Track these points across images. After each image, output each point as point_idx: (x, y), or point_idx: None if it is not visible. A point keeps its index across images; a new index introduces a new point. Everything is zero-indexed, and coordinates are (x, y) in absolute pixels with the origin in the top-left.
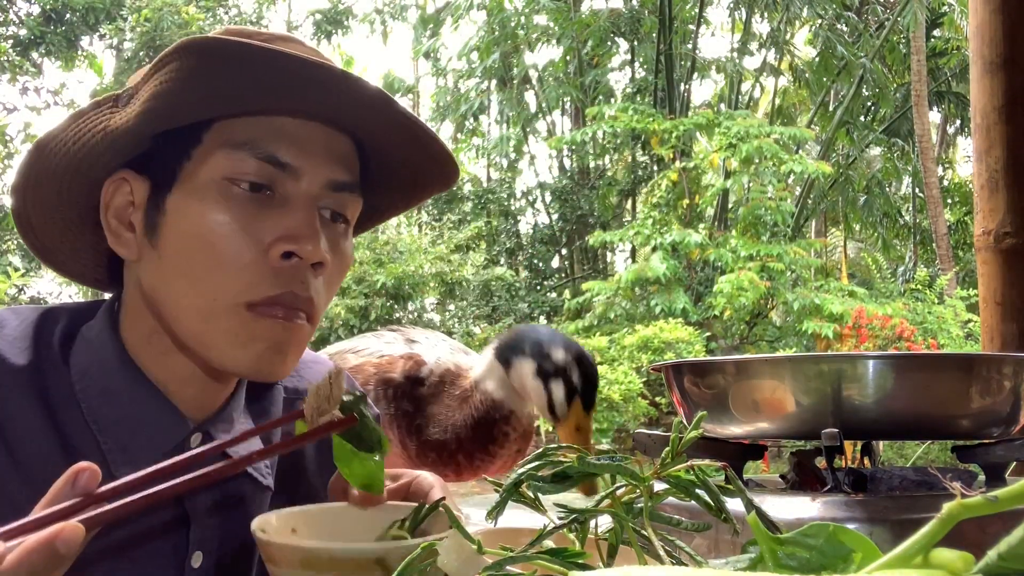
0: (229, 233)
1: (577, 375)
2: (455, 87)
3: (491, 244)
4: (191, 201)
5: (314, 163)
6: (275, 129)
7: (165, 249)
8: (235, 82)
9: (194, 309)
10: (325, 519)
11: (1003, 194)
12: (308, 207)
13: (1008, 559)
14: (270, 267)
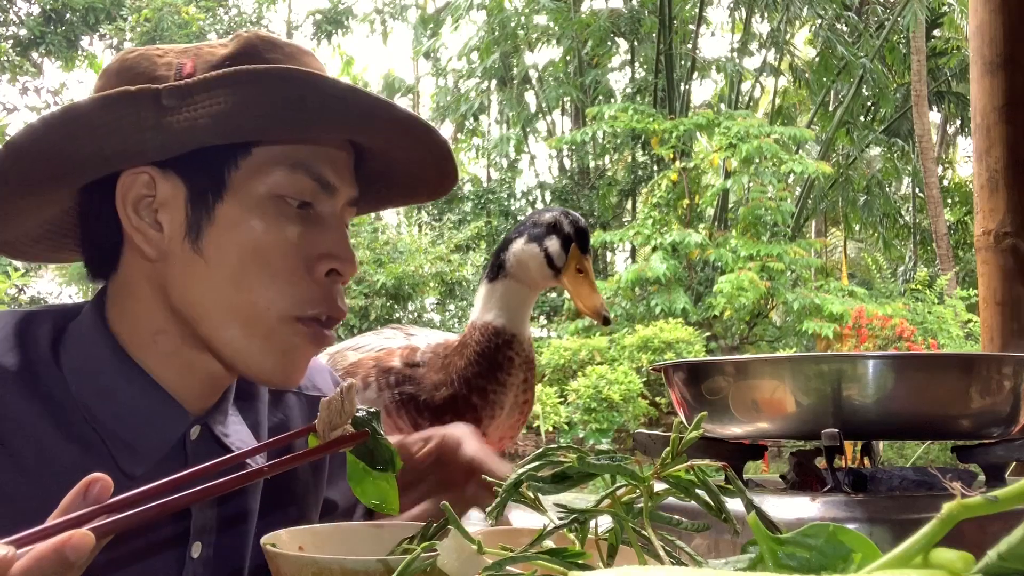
0: (281, 248)
1: (567, 224)
2: (455, 87)
3: (491, 244)
4: (246, 214)
5: (345, 182)
6: (320, 152)
7: (212, 256)
8: (290, 110)
9: (241, 319)
10: (333, 537)
11: (1003, 194)
12: (341, 225)
13: (1008, 559)
14: (317, 283)
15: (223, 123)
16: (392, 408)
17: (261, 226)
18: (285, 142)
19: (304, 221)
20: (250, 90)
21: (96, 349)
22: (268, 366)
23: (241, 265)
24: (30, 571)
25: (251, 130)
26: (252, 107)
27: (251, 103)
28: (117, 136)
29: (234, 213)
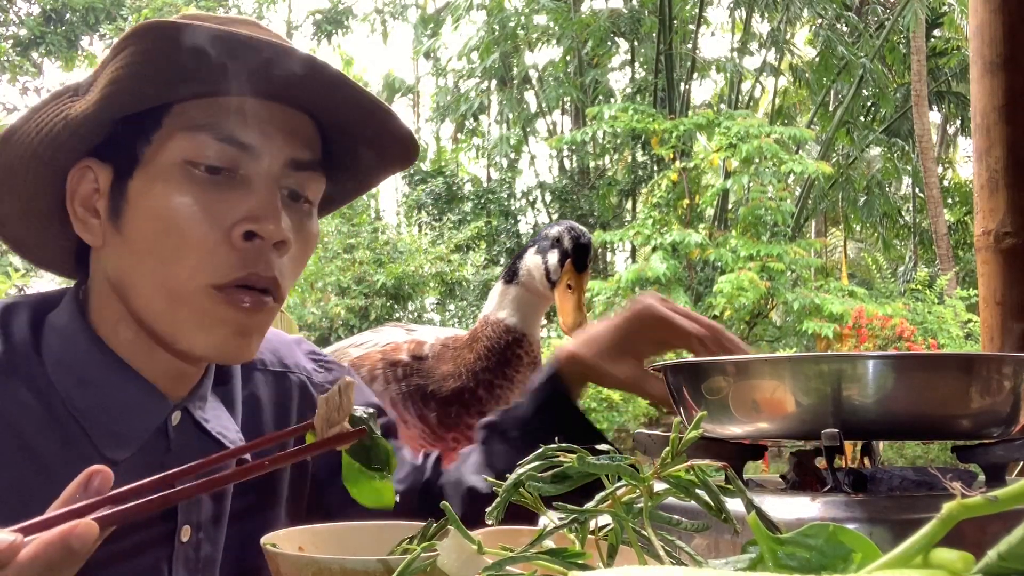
0: (192, 215)
1: (568, 240)
2: (455, 87)
3: (491, 244)
4: (153, 184)
5: (274, 143)
6: (234, 110)
7: (130, 233)
8: (188, 64)
9: (160, 292)
10: (333, 537)
11: (1003, 194)
12: (269, 187)
13: (1008, 559)
14: (234, 248)
15: (108, 94)
16: (398, 400)
17: (168, 195)
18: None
19: (220, 186)
20: (127, 54)
21: (75, 340)
22: (202, 341)
23: (155, 238)
24: (37, 558)
25: (135, 94)
26: (129, 70)
27: (128, 66)
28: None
29: (143, 186)
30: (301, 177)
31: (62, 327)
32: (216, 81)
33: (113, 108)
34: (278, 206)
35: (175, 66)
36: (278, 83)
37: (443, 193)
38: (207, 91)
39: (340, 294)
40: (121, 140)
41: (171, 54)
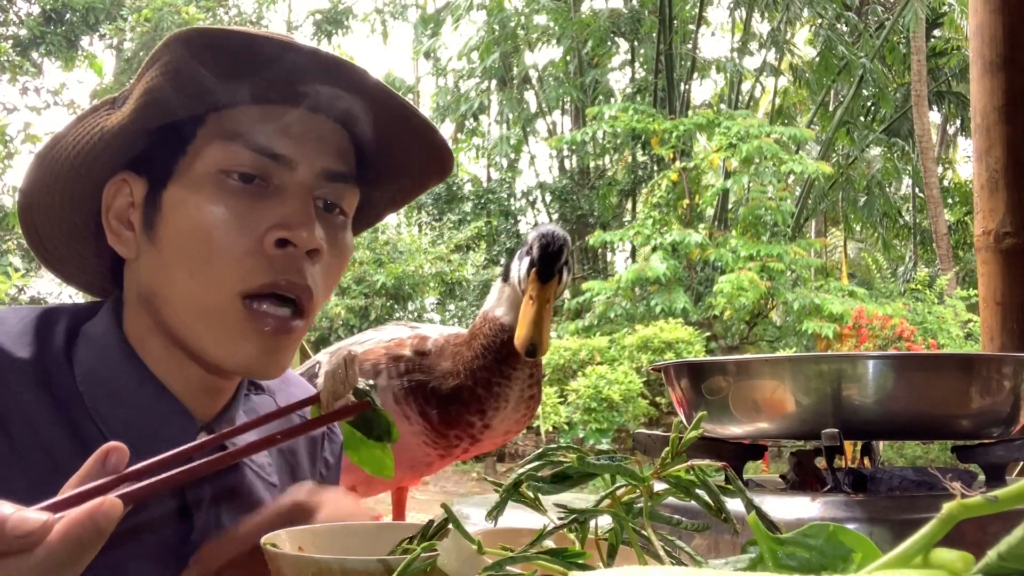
0: (224, 223)
1: (536, 248)
2: (455, 87)
3: (491, 244)
4: (186, 194)
5: (308, 153)
6: (268, 119)
7: (162, 243)
8: (224, 72)
9: (192, 302)
10: (332, 538)
11: (1003, 194)
12: (303, 195)
13: (1008, 559)
14: (265, 256)
15: (143, 105)
16: (400, 396)
17: (200, 204)
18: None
19: (253, 195)
20: (161, 64)
21: (108, 352)
22: (231, 354)
23: (187, 247)
24: (67, 536)
25: (169, 104)
26: (163, 80)
27: (162, 76)
28: (79, 148)
29: (177, 195)
30: (335, 188)
31: (96, 337)
32: (251, 90)
33: (148, 119)
34: (312, 214)
35: (210, 74)
36: (314, 92)
37: (443, 193)
38: (241, 100)
39: (340, 294)
40: (156, 152)
41: (206, 62)
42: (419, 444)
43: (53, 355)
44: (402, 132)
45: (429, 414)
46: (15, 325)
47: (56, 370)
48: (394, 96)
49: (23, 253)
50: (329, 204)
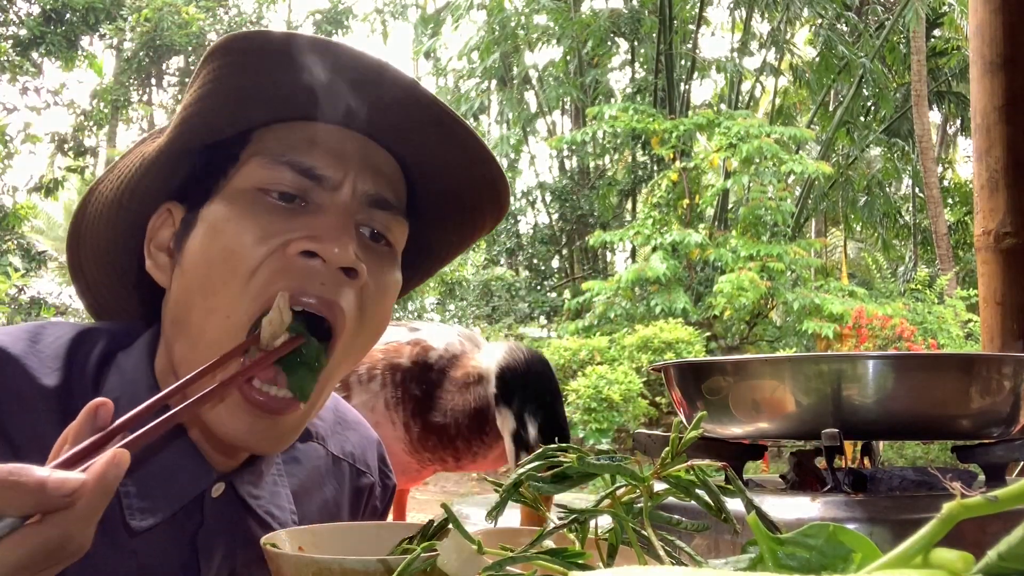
0: (251, 240)
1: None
2: (455, 87)
3: (491, 244)
4: (220, 209)
5: (352, 175)
6: (312, 139)
7: (187, 262)
8: (270, 79)
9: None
10: (333, 537)
11: (1003, 194)
12: (342, 214)
13: (1008, 559)
14: (283, 262)
15: (185, 120)
16: (392, 403)
17: (230, 218)
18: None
19: (288, 213)
20: (205, 76)
21: (135, 387)
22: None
23: (208, 264)
24: (97, 488)
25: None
26: (202, 102)
27: (201, 99)
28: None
29: (210, 213)
30: (380, 217)
31: (127, 369)
32: (292, 103)
33: (186, 139)
34: (348, 232)
35: (252, 81)
36: (367, 109)
37: None
38: (282, 115)
39: None
40: (199, 176)
41: (249, 66)
42: (401, 451)
43: (81, 383)
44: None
45: (412, 429)
46: (49, 346)
47: (81, 399)
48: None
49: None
50: (376, 234)
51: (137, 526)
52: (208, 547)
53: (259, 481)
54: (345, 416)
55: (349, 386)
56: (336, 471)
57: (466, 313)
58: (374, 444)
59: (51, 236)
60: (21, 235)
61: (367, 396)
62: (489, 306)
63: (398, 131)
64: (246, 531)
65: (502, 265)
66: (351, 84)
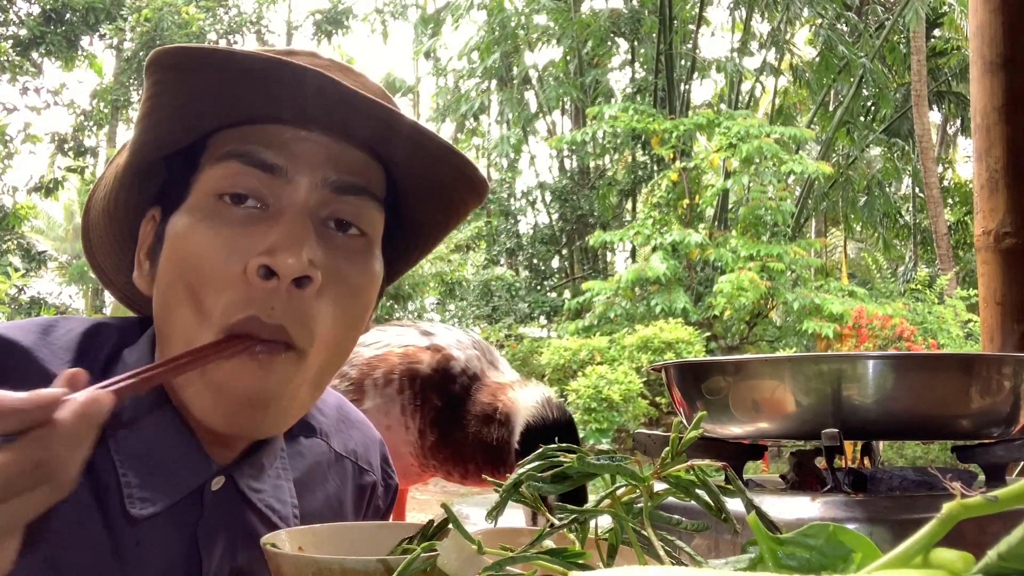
0: (215, 251)
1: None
2: (455, 87)
3: (491, 244)
4: (183, 221)
5: (307, 164)
6: (264, 135)
7: (160, 277)
8: (205, 90)
9: (181, 338)
10: (333, 537)
11: (1003, 194)
12: (298, 215)
13: (1008, 559)
14: (247, 287)
15: (138, 135)
16: (408, 409)
17: (193, 229)
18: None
19: (249, 219)
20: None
21: None
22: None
23: (177, 277)
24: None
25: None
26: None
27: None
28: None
29: (174, 226)
30: (348, 203)
31: (131, 364)
32: (240, 108)
33: (146, 152)
34: (302, 236)
35: (188, 97)
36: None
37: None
38: (233, 119)
39: None
40: (170, 183)
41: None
42: (408, 454)
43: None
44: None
45: (426, 437)
46: (61, 338)
47: None
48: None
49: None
50: (343, 223)
51: (138, 514)
52: (209, 539)
53: (260, 474)
54: (349, 415)
55: (363, 389)
56: (339, 468)
57: (466, 313)
58: (377, 444)
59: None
60: (21, 235)
61: (382, 400)
62: (489, 306)
63: (344, 128)
64: (246, 524)
65: (502, 265)
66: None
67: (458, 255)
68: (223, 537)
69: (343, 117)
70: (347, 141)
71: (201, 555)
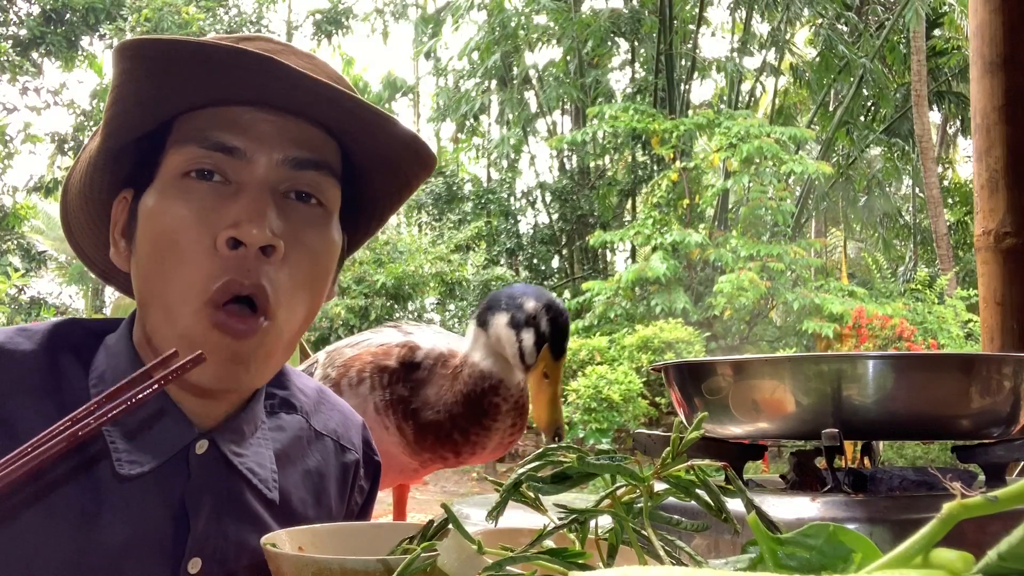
0: (187, 226)
1: (545, 322)
2: (456, 87)
3: (491, 244)
4: (155, 200)
5: (265, 145)
6: (223, 119)
7: (138, 253)
8: (171, 80)
9: (163, 312)
10: (333, 537)
11: (1003, 194)
12: (259, 190)
13: (1008, 559)
14: (220, 257)
15: (109, 116)
16: (381, 407)
17: (164, 207)
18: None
19: (214, 195)
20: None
21: (118, 357)
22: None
23: (156, 254)
24: None
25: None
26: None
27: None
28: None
29: (147, 204)
30: (307, 177)
31: (111, 344)
32: (201, 94)
33: (117, 136)
34: (263, 209)
35: (154, 83)
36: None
37: (443, 193)
38: (194, 104)
39: (340, 294)
40: (140, 165)
41: (148, 72)
42: (399, 453)
43: (67, 360)
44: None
45: (406, 431)
46: (37, 327)
47: (69, 373)
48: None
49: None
50: (304, 195)
51: (127, 473)
52: (196, 501)
53: (242, 441)
54: (329, 398)
55: (341, 390)
56: (320, 445)
57: (466, 313)
58: (358, 425)
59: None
60: (21, 235)
61: (356, 400)
62: None
63: (298, 108)
64: (231, 487)
65: (502, 265)
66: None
67: (458, 255)
68: (209, 499)
69: (296, 98)
70: (303, 120)
71: (189, 516)
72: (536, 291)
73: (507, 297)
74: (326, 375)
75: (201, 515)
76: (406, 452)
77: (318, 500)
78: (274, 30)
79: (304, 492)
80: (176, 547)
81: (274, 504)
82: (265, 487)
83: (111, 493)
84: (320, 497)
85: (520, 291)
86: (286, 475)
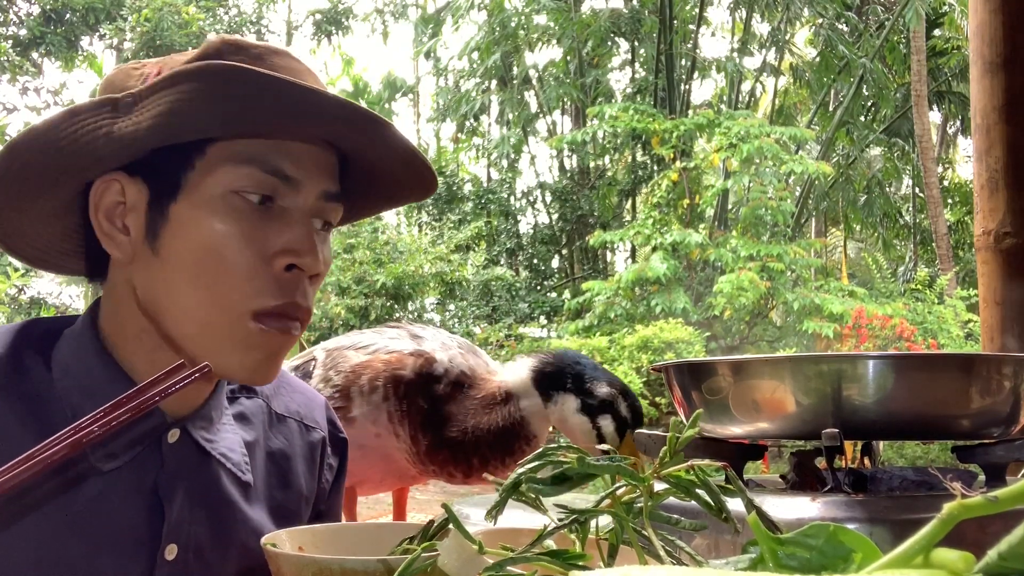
0: (236, 244)
1: (625, 408)
2: (456, 87)
3: (491, 244)
4: (198, 212)
5: (311, 176)
6: (277, 146)
7: (169, 256)
8: (248, 108)
9: (199, 316)
10: (333, 537)
11: (1003, 194)
12: (306, 220)
13: (1008, 559)
14: (273, 277)
15: (164, 124)
16: (395, 416)
17: (212, 222)
18: (233, 138)
19: (262, 215)
20: (189, 89)
21: (83, 350)
22: (237, 364)
23: (195, 262)
24: None
25: (192, 128)
26: (190, 105)
27: (189, 102)
28: (74, 145)
29: (186, 211)
30: (332, 208)
31: (73, 336)
32: (269, 124)
33: (165, 136)
34: (314, 238)
35: (233, 107)
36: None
37: (443, 193)
38: (259, 132)
39: (340, 294)
40: (162, 162)
41: (230, 96)
42: (404, 459)
43: (31, 357)
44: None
45: (419, 442)
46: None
47: (34, 370)
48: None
49: None
50: (324, 224)
51: (104, 467)
52: (170, 490)
53: (211, 427)
54: (290, 381)
55: (350, 396)
56: (283, 428)
57: (466, 313)
58: (322, 405)
59: None
60: None
61: (368, 408)
62: (489, 306)
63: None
64: (204, 474)
65: (502, 265)
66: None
67: (458, 255)
68: (183, 487)
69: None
70: (328, 148)
71: (163, 505)
72: (606, 376)
73: (575, 378)
74: (328, 378)
75: (175, 503)
76: (411, 461)
77: (286, 482)
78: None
79: (269, 474)
80: (152, 536)
81: (249, 486)
82: (239, 470)
83: (87, 486)
84: (288, 478)
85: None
86: (251, 458)
